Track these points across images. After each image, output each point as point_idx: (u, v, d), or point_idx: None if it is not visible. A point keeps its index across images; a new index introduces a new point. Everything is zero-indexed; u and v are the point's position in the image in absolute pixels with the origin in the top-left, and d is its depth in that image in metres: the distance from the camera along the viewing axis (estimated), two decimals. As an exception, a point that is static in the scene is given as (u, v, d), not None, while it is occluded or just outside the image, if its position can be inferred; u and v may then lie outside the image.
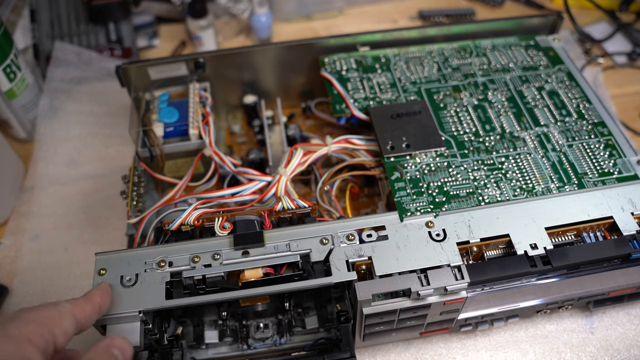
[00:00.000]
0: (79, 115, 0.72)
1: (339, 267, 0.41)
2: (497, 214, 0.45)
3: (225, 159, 0.53)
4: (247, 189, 0.50)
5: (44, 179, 0.66)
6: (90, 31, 0.81)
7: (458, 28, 0.62)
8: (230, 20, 0.86)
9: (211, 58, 0.60)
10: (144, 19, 0.85)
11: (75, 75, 0.76)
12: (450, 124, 0.53)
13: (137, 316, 0.39)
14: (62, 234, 0.61)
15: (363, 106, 0.55)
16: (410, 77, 0.58)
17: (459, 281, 0.41)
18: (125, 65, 0.57)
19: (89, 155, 0.68)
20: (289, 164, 0.51)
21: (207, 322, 0.48)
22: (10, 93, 0.65)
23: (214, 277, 0.41)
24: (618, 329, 0.51)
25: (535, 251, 0.42)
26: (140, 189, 0.53)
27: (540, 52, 0.60)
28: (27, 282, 0.57)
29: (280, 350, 0.49)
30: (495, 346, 0.51)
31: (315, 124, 0.65)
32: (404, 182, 0.48)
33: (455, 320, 0.46)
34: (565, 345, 0.51)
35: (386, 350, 0.51)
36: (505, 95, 0.55)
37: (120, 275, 0.41)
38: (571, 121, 0.53)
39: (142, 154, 0.54)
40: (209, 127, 0.55)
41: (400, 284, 0.40)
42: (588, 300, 0.50)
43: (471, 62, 0.59)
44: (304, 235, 0.43)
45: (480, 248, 0.44)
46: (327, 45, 0.60)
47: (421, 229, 0.44)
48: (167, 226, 0.45)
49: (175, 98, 0.59)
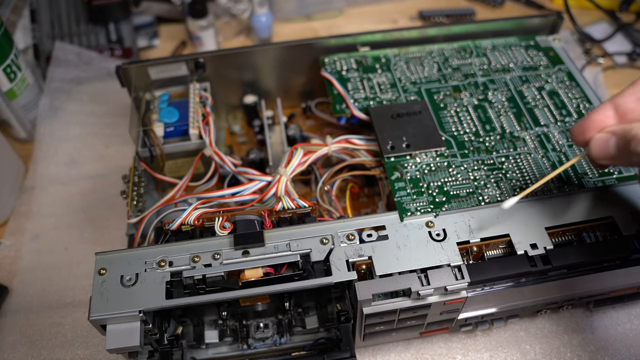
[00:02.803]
0: (79, 115, 0.72)
1: (339, 266, 0.41)
2: (497, 214, 0.45)
3: (226, 159, 0.53)
4: (247, 188, 0.50)
5: (44, 179, 0.66)
6: (91, 31, 0.81)
7: (458, 28, 0.62)
8: (231, 21, 0.86)
9: (211, 58, 0.60)
10: (144, 19, 0.86)
11: (76, 75, 0.76)
12: (451, 124, 0.53)
13: (137, 316, 0.39)
14: (62, 234, 0.61)
15: (363, 106, 0.55)
16: (410, 77, 0.58)
17: (459, 281, 0.41)
18: (126, 65, 0.57)
19: (89, 155, 0.69)
20: (289, 163, 0.51)
21: (207, 322, 0.48)
22: (11, 93, 0.65)
23: (214, 276, 0.41)
24: (618, 329, 0.51)
25: (535, 251, 0.42)
26: (141, 188, 0.53)
27: (541, 52, 0.60)
28: (27, 282, 0.57)
29: (280, 350, 0.49)
30: (496, 346, 0.51)
31: (316, 124, 0.65)
32: (404, 182, 0.48)
33: (455, 320, 0.46)
34: (565, 345, 0.51)
35: (386, 350, 0.51)
36: (506, 95, 0.55)
37: (120, 275, 0.41)
38: (571, 121, 0.53)
39: (143, 154, 0.55)
40: (209, 127, 0.55)
41: (401, 283, 0.40)
42: (588, 300, 0.50)
43: (471, 62, 0.59)
44: (304, 235, 0.43)
45: (480, 248, 0.44)
46: (328, 45, 0.60)
47: (421, 229, 0.44)
48: (167, 226, 0.45)
49: (175, 98, 0.59)
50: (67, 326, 0.53)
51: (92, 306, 0.39)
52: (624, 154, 0.36)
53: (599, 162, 0.38)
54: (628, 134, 0.35)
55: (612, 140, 0.36)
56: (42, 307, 0.55)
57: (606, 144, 0.37)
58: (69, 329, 0.53)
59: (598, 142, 0.37)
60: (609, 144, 0.36)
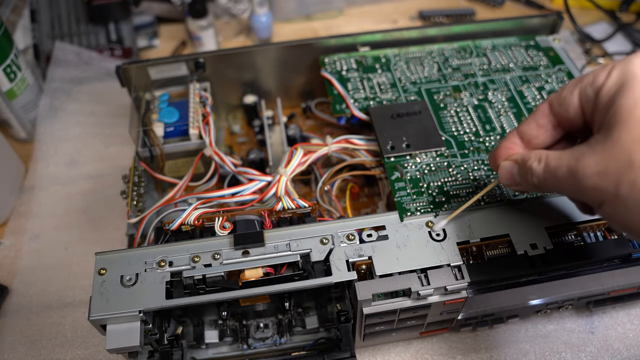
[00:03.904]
0: (79, 115, 0.72)
1: (339, 266, 0.41)
2: (497, 214, 0.45)
3: (226, 159, 0.53)
4: (247, 188, 0.50)
5: (44, 179, 0.66)
6: (91, 31, 0.81)
7: (458, 28, 0.62)
8: (231, 21, 0.86)
9: (211, 58, 0.60)
10: (144, 19, 0.86)
11: (76, 75, 0.76)
12: (451, 124, 0.53)
13: (137, 316, 0.39)
14: (62, 234, 0.61)
15: (363, 106, 0.55)
16: (410, 77, 0.58)
17: (459, 281, 0.41)
18: (126, 65, 0.57)
19: (89, 155, 0.69)
20: (289, 163, 0.51)
21: (207, 322, 0.48)
22: (11, 93, 0.65)
23: (214, 276, 0.41)
24: (618, 329, 0.51)
25: (535, 251, 0.42)
26: (141, 188, 0.53)
27: (541, 52, 0.60)
28: (27, 282, 0.57)
29: (280, 350, 0.49)
30: (495, 346, 0.51)
31: (316, 124, 0.65)
32: (404, 182, 0.48)
33: (455, 320, 0.46)
34: (565, 345, 0.51)
35: (386, 350, 0.51)
36: (506, 95, 0.55)
37: (120, 275, 0.41)
38: (571, 121, 0.53)
39: (143, 154, 0.55)
40: (209, 127, 0.55)
41: (401, 283, 0.40)
42: (588, 300, 0.50)
43: (471, 62, 0.59)
44: (304, 235, 0.43)
45: (480, 248, 0.44)
46: (327, 45, 0.60)
47: (421, 229, 0.44)
48: (167, 226, 0.45)
49: (175, 98, 0.59)
50: (67, 326, 0.54)
51: (92, 306, 0.39)
52: (525, 183, 0.36)
53: (510, 188, 0.39)
54: (525, 164, 0.36)
55: (515, 169, 0.37)
56: (42, 307, 0.55)
57: (510, 172, 0.38)
58: (69, 329, 0.53)
59: (503, 170, 0.38)
60: (512, 172, 0.37)
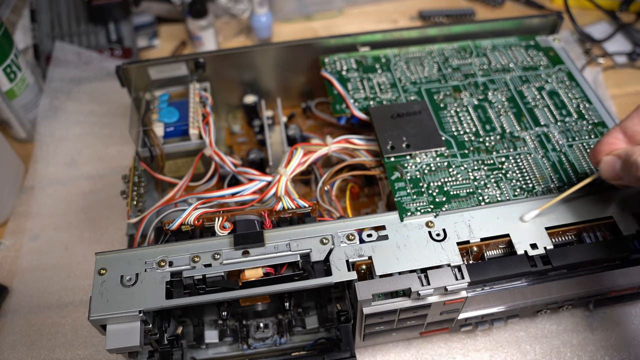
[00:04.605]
0: (79, 115, 0.72)
1: (339, 266, 0.41)
2: (497, 214, 0.45)
3: (226, 159, 0.53)
4: (247, 188, 0.50)
5: (44, 179, 0.66)
6: (91, 31, 0.81)
7: (458, 28, 0.62)
8: (231, 21, 0.86)
9: (211, 58, 0.60)
10: (144, 19, 0.86)
11: (75, 75, 0.76)
12: (451, 124, 0.53)
13: (137, 316, 0.39)
14: (62, 234, 0.61)
15: (363, 106, 0.55)
16: (410, 77, 0.58)
17: (459, 281, 0.41)
18: (126, 65, 0.57)
19: (89, 155, 0.69)
20: (289, 163, 0.51)
21: (207, 322, 0.48)
22: (11, 93, 0.65)
23: (214, 276, 0.41)
24: (618, 329, 0.51)
25: (535, 251, 0.42)
26: (141, 188, 0.53)
27: (541, 52, 0.60)
28: (27, 282, 0.57)
29: (280, 350, 0.49)
30: (496, 346, 0.51)
31: (316, 124, 0.65)
32: (404, 182, 0.48)
33: (455, 320, 0.46)
34: (565, 345, 0.51)
35: (386, 350, 0.51)
36: (506, 95, 0.55)
37: (120, 275, 0.41)
38: (571, 121, 0.53)
39: (143, 154, 0.54)
40: (209, 127, 0.55)
41: (401, 283, 0.40)
42: (588, 300, 0.50)
43: (471, 62, 0.59)
44: (304, 235, 0.43)
45: (480, 248, 0.44)
46: (327, 45, 0.60)
47: (421, 229, 0.44)
48: (167, 226, 0.45)
49: (175, 98, 0.59)
50: (67, 326, 0.53)
51: (92, 306, 0.39)
52: (628, 177, 0.37)
53: (611, 182, 0.40)
54: (630, 159, 0.37)
55: (618, 163, 0.38)
56: (42, 307, 0.55)
57: (613, 166, 0.39)
58: (69, 329, 0.53)
59: (606, 165, 0.39)
60: (615, 167, 0.39)
